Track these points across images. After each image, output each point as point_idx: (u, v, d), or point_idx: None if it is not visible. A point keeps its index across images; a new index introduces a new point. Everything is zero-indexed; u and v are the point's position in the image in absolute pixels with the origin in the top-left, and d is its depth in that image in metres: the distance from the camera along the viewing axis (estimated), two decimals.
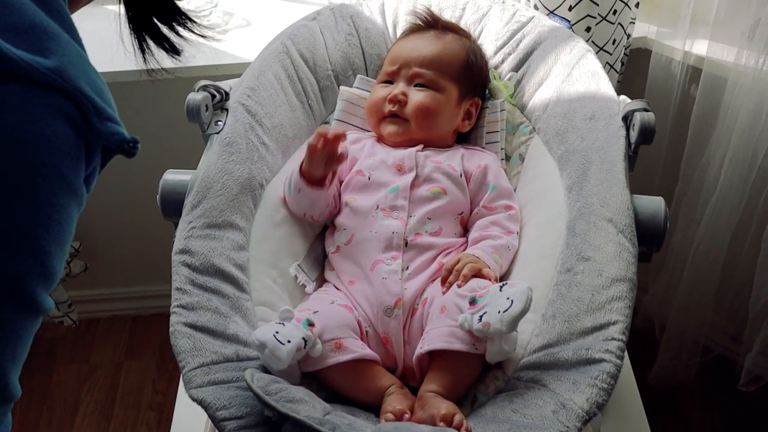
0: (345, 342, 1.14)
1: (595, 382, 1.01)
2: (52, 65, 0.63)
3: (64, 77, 0.64)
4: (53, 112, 0.64)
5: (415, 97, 1.42)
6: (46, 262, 0.65)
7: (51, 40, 0.65)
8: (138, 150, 0.69)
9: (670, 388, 2.07)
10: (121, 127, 0.68)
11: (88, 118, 0.66)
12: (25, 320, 0.65)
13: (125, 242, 2.27)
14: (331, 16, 1.58)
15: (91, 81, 0.67)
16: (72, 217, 0.67)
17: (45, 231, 0.64)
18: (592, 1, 1.56)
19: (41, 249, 0.64)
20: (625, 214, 1.17)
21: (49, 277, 0.66)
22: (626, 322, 1.07)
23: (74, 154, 0.66)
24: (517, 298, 1.06)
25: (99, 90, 0.68)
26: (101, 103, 0.67)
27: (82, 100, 0.65)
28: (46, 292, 0.66)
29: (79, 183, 0.67)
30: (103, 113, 0.67)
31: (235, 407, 1.01)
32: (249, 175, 1.30)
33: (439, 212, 1.34)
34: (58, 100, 0.64)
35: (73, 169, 0.66)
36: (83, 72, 0.66)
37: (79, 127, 0.65)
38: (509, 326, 1.05)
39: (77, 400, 2.22)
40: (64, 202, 0.65)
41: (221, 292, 1.16)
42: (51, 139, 0.63)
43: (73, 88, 0.64)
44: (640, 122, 1.23)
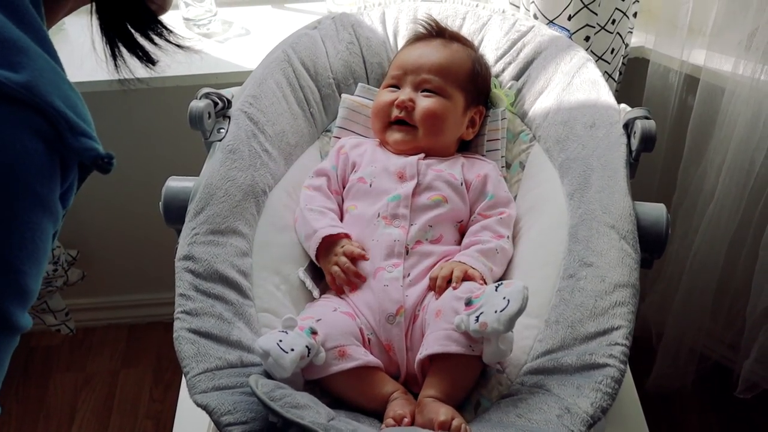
0: (348, 349, 1.15)
1: (599, 387, 1.02)
2: (21, 80, 0.61)
3: (34, 92, 0.62)
4: (24, 128, 0.62)
5: (423, 103, 1.42)
6: (20, 281, 0.63)
7: (21, 53, 0.63)
8: (113, 166, 0.68)
9: (667, 395, 2.08)
10: (95, 143, 0.67)
11: (61, 133, 0.64)
12: (1, 340, 0.64)
13: (122, 251, 2.27)
14: (332, 25, 1.58)
15: (63, 95, 0.65)
16: (47, 234, 0.66)
17: (18, 250, 0.63)
18: (591, 11, 1.58)
19: (14, 268, 0.63)
20: (628, 220, 1.18)
21: (23, 295, 0.64)
22: (629, 327, 1.08)
23: (48, 171, 0.64)
24: (514, 297, 1.07)
25: (72, 104, 0.66)
26: (74, 118, 0.65)
27: (54, 115, 0.63)
28: (21, 311, 0.64)
29: (54, 200, 0.66)
30: (77, 128, 0.65)
31: (240, 412, 1.01)
32: (252, 182, 1.30)
33: (439, 220, 1.34)
34: (29, 116, 0.62)
35: (47, 186, 0.64)
36: (55, 86, 0.65)
37: (51, 143, 0.64)
38: (506, 325, 1.06)
39: (74, 408, 2.22)
40: (38, 220, 0.64)
41: (225, 298, 1.16)
42: (22, 157, 0.61)
43: (44, 103, 0.63)
44: (641, 130, 1.24)
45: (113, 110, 1.96)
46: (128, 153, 2.08)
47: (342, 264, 1.28)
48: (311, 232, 1.33)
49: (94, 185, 2.33)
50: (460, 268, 1.23)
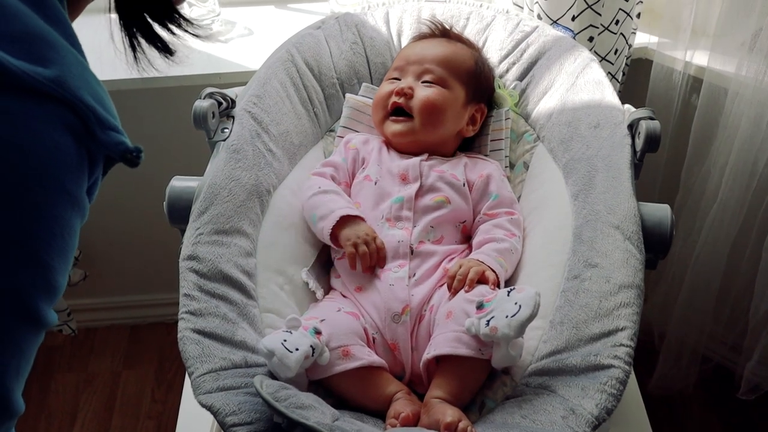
0: (352, 349, 1.14)
1: (604, 388, 1.02)
2: (51, 75, 0.62)
3: (64, 87, 0.62)
4: (54, 123, 0.62)
5: (423, 92, 1.42)
6: (49, 276, 0.64)
7: (50, 48, 0.63)
8: (141, 159, 0.68)
9: (669, 396, 2.08)
10: (124, 137, 0.67)
11: (90, 128, 0.64)
12: (28, 335, 0.64)
13: (124, 251, 2.27)
14: (336, 25, 1.58)
15: (92, 90, 0.65)
16: (74, 229, 0.66)
17: (47, 245, 0.63)
18: (595, 11, 1.57)
19: (43, 263, 0.63)
20: (632, 221, 1.17)
21: (51, 290, 0.64)
22: (634, 328, 1.08)
23: (76, 165, 0.64)
24: (525, 303, 1.07)
25: (100, 99, 0.66)
26: (103, 112, 0.65)
27: (83, 109, 0.63)
28: (49, 306, 0.65)
29: (82, 194, 0.66)
30: (106, 123, 0.65)
31: (245, 413, 1.01)
32: (256, 182, 1.30)
33: (441, 221, 1.35)
34: (58, 110, 0.62)
35: (75, 181, 0.65)
36: (84, 81, 0.65)
37: (81, 137, 0.64)
38: (517, 331, 1.05)
39: (75, 409, 2.21)
40: (67, 215, 0.64)
41: (229, 298, 1.16)
42: (52, 151, 0.62)
43: (73, 97, 0.63)
44: (646, 130, 1.24)
45: (117, 109, 1.96)
46: None
47: (372, 247, 1.28)
48: (327, 212, 1.32)
49: None
50: (476, 270, 1.22)
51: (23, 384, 0.66)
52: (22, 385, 0.66)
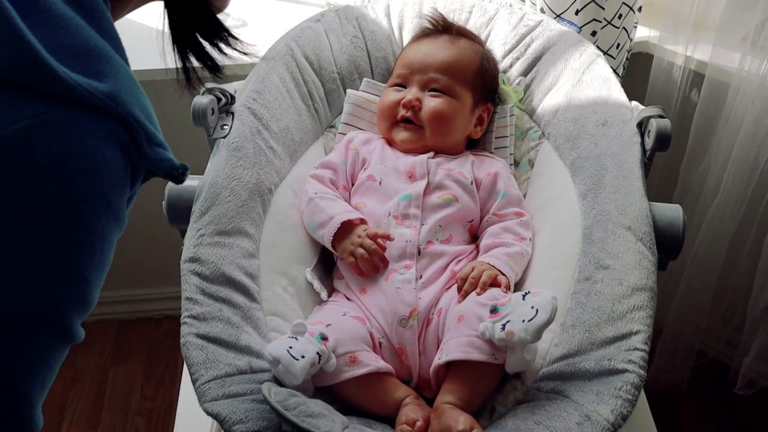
0: (359, 355, 1.12)
1: (619, 393, 1.00)
2: (106, 90, 0.62)
3: (118, 102, 0.62)
4: (106, 138, 0.62)
5: (430, 103, 1.39)
6: (85, 291, 0.63)
7: (105, 63, 0.63)
8: (186, 176, 0.69)
9: (664, 391, 2.08)
10: (170, 153, 0.67)
11: (139, 143, 0.64)
12: (57, 350, 0.64)
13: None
14: (336, 18, 1.55)
15: (141, 104, 0.65)
16: (113, 243, 0.66)
17: (88, 260, 0.63)
18: (598, 5, 1.55)
19: (82, 278, 0.62)
20: (645, 222, 1.16)
21: (86, 306, 0.64)
22: (648, 331, 1.06)
23: (122, 180, 0.64)
24: (542, 308, 1.05)
25: (148, 113, 0.66)
26: (151, 128, 0.65)
27: (134, 125, 0.63)
28: (80, 321, 0.65)
29: (123, 209, 0.66)
30: (153, 139, 0.65)
31: (252, 421, 0.98)
32: (257, 181, 1.27)
33: (449, 220, 1.32)
34: (111, 125, 0.63)
35: (120, 195, 0.65)
36: (134, 96, 0.65)
37: (128, 152, 0.64)
38: (534, 335, 1.03)
39: (63, 407, 2.17)
40: (108, 230, 0.64)
41: (232, 301, 1.13)
42: (102, 167, 0.62)
43: (126, 113, 0.63)
44: (657, 129, 1.22)
45: None
46: None
47: (368, 246, 1.25)
48: (326, 218, 1.30)
49: None
50: (489, 273, 1.20)
51: (44, 398, 0.67)
52: (43, 400, 0.67)
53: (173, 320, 1.14)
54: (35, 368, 0.63)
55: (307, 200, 1.34)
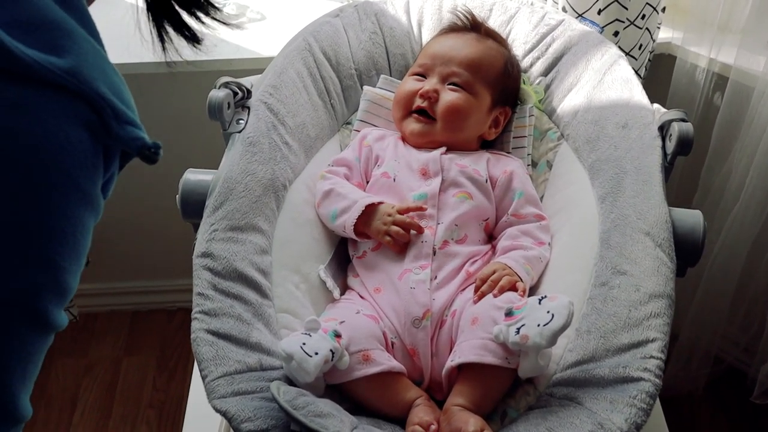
0: (372, 354, 1.11)
1: (633, 402, 0.98)
2: (66, 65, 0.58)
3: (79, 78, 0.59)
4: (69, 117, 0.59)
5: (448, 96, 1.37)
6: (60, 278, 0.60)
7: (66, 37, 0.60)
8: (160, 156, 0.64)
9: (678, 397, 2.05)
10: (141, 131, 0.63)
11: (107, 122, 0.61)
12: (36, 338, 0.61)
13: (126, 237, 2.23)
14: (354, 14, 1.53)
15: (109, 81, 0.62)
16: (88, 228, 0.62)
17: (59, 245, 0.59)
18: (622, 5, 1.53)
19: (55, 264, 0.60)
20: (664, 227, 1.13)
21: (62, 293, 0.61)
22: (665, 340, 1.05)
23: (91, 162, 0.61)
24: (558, 312, 1.03)
25: (118, 91, 0.62)
26: (120, 105, 0.62)
27: (99, 102, 0.60)
28: (59, 309, 0.62)
29: (96, 193, 0.62)
30: (123, 116, 0.62)
31: (261, 419, 0.98)
32: (272, 176, 1.26)
33: (465, 219, 1.30)
34: (73, 103, 0.59)
35: (90, 178, 0.61)
36: (101, 71, 0.61)
37: (96, 132, 0.60)
38: (549, 341, 1.02)
39: (75, 396, 2.18)
40: (79, 213, 0.61)
41: (244, 298, 1.12)
42: (66, 148, 0.58)
43: (90, 90, 0.59)
44: (679, 133, 1.20)
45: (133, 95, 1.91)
46: None
47: (401, 222, 1.25)
48: (349, 204, 1.29)
49: None
50: (509, 279, 1.19)
51: (31, 388, 0.63)
52: (30, 389, 0.63)
53: (186, 312, 1.13)
54: (13, 356, 0.59)
55: (324, 192, 1.33)
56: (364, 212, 1.28)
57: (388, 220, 1.26)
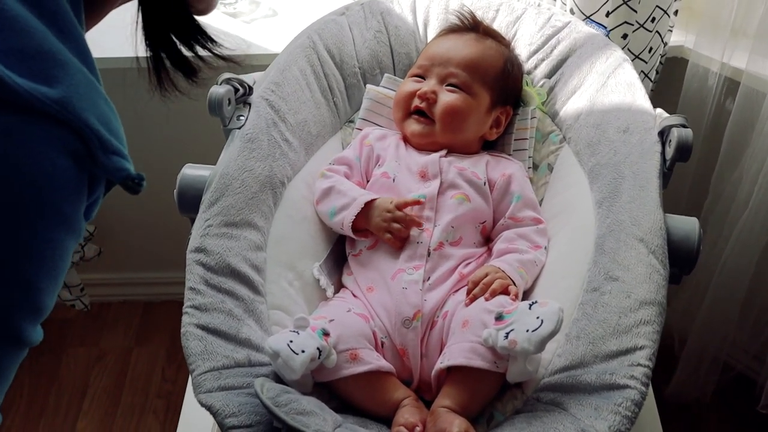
0: (360, 353, 1.11)
1: (618, 409, 0.97)
2: (56, 96, 0.60)
3: (68, 109, 0.60)
4: (55, 145, 0.60)
5: (446, 97, 1.37)
6: (35, 297, 0.62)
7: (59, 67, 0.61)
8: (143, 187, 0.66)
9: (685, 404, 2.03)
10: (127, 162, 0.65)
11: (93, 151, 0.62)
12: (8, 353, 0.63)
13: (140, 228, 2.25)
14: (360, 12, 1.53)
15: (99, 111, 0.63)
16: (67, 251, 0.64)
17: (36, 267, 0.61)
18: (630, 8, 1.51)
19: (31, 284, 0.61)
20: (658, 234, 1.12)
21: (36, 312, 0.63)
22: (654, 348, 1.03)
23: (75, 188, 0.63)
24: (548, 318, 1.02)
25: (106, 120, 0.64)
26: (107, 135, 0.63)
27: (87, 132, 0.61)
28: (33, 326, 0.63)
29: (78, 218, 0.64)
30: (109, 147, 0.63)
31: (245, 415, 0.98)
32: (270, 173, 1.26)
33: (461, 221, 1.30)
34: (61, 132, 0.60)
35: (72, 204, 0.63)
36: (91, 102, 0.63)
37: (82, 161, 0.62)
38: (537, 346, 1.01)
39: (86, 384, 2.21)
40: (61, 238, 0.63)
41: (235, 293, 1.13)
42: (50, 175, 0.60)
43: (78, 120, 0.61)
44: (678, 139, 1.18)
45: (136, 88, 1.92)
46: (151, 134, 2.05)
47: (401, 218, 1.26)
48: (348, 201, 1.30)
49: None
50: (501, 282, 1.18)
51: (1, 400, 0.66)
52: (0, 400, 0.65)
53: None
54: None
55: (324, 190, 1.33)
56: (363, 209, 1.28)
57: (388, 217, 1.27)
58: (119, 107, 0.68)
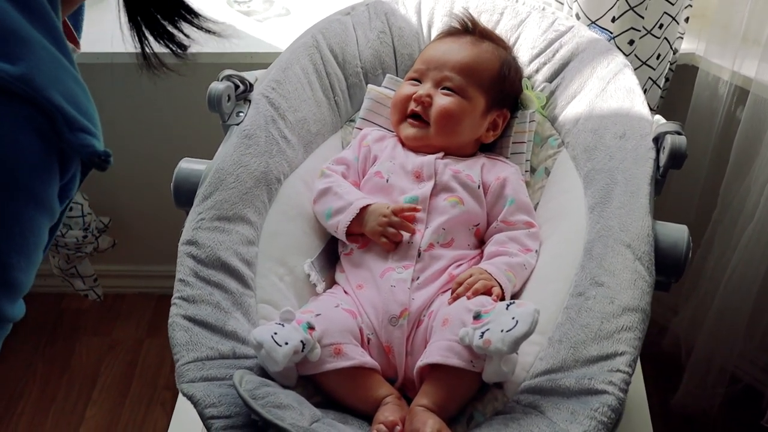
0: (344, 348, 1.12)
1: (594, 414, 0.97)
2: (17, 72, 0.60)
3: (31, 85, 0.61)
4: (19, 122, 0.61)
5: (440, 101, 1.38)
6: (7, 274, 0.63)
7: (20, 44, 0.62)
8: (110, 164, 0.66)
9: (692, 415, 2.01)
10: (93, 138, 0.65)
11: (59, 128, 0.63)
12: None
13: (155, 221, 2.28)
14: (365, 12, 1.55)
15: (64, 88, 0.64)
16: (39, 227, 0.65)
17: (5, 243, 0.62)
18: (637, 14, 1.50)
19: (1, 261, 0.62)
20: (645, 240, 1.12)
21: (10, 287, 0.64)
22: (634, 354, 1.03)
23: (43, 165, 0.63)
24: (523, 319, 1.03)
25: (73, 98, 0.64)
26: (72, 112, 0.64)
27: (50, 109, 0.62)
28: (9, 302, 0.64)
29: (49, 194, 0.65)
30: (75, 124, 0.64)
31: (224, 406, 0.99)
32: (266, 169, 1.28)
33: (453, 223, 1.31)
34: (24, 110, 0.61)
35: (41, 181, 0.64)
36: (55, 79, 0.63)
37: (49, 138, 0.63)
38: (510, 347, 1.02)
39: (97, 373, 2.25)
40: (30, 215, 0.63)
41: (224, 286, 1.15)
42: (15, 152, 0.61)
43: (41, 96, 0.61)
44: (671, 146, 1.18)
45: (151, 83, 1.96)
46: (164, 127, 2.09)
47: (397, 224, 1.27)
48: (344, 204, 1.31)
49: (132, 157, 2.33)
50: (484, 283, 1.19)
51: None
52: None
53: None
54: None
55: (321, 190, 1.35)
56: (358, 214, 1.29)
57: (384, 221, 1.27)
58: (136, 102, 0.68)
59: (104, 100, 2.06)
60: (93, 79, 2.10)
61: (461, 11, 1.51)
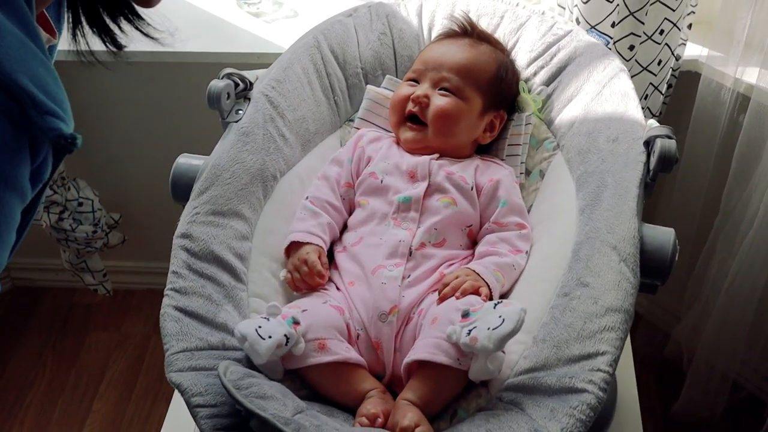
0: (328, 343, 1.14)
1: (573, 412, 0.98)
2: None
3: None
4: None
5: (437, 101, 1.39)
6: None
7: None
8: (77, 147, 0.68)
9: (693, 423, 2.01)
10: (61, 122, 0.67)
11: (26, 111, 0.64)
12: None
13: (166, 218, 2.30)
14: (367, 14, 1.57)
15: (32, 73, 0.65)
16: (11, 208, 0.66)
17: None
18: (637, 19, 1.51)
19: None
20: (630, 243, 1.13)
21: None
22: (615, 354, 1.04)
23: (12, 147, 0.65)
24: (509, 318, 1.04)
25: (42, 82, 0.66)
26: (40, 95, 0.65)
27: (18, 93, 0.63)
28: None
29: (19, 176, 0.66)
30: (43, 107, 0.65)
31: (210, 395, 1.01)
32: (262, 166, 1.30)
33: (446, 224, 1.32)
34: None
35: (11, 162, 0.65)
36: (23, 64, 0.65)
37: (17, 120, 0.64)
38: (496, 345, 1.03)
39: (104, 367, 2.29)
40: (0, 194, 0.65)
41: (216, 279, 1.17)
42: None
43: (8, 80, 0.63)
44: (660, 149, 1.19)
45: (164, 80, 1.99)
46: (175, 123, 2.12)
47: (304, 273, 1.25)
48: (293, 228, 1.32)
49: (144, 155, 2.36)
50: (472, 283, 1.20)
51: None
52: None
53: None
54: None
55: (302, 203, 1.36)
56: (291, 245, 1.30)
57: (297, 264, 1.26)
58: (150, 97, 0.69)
59: (117, 99, 2.11)
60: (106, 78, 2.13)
61: (460, 14, 1.52)
